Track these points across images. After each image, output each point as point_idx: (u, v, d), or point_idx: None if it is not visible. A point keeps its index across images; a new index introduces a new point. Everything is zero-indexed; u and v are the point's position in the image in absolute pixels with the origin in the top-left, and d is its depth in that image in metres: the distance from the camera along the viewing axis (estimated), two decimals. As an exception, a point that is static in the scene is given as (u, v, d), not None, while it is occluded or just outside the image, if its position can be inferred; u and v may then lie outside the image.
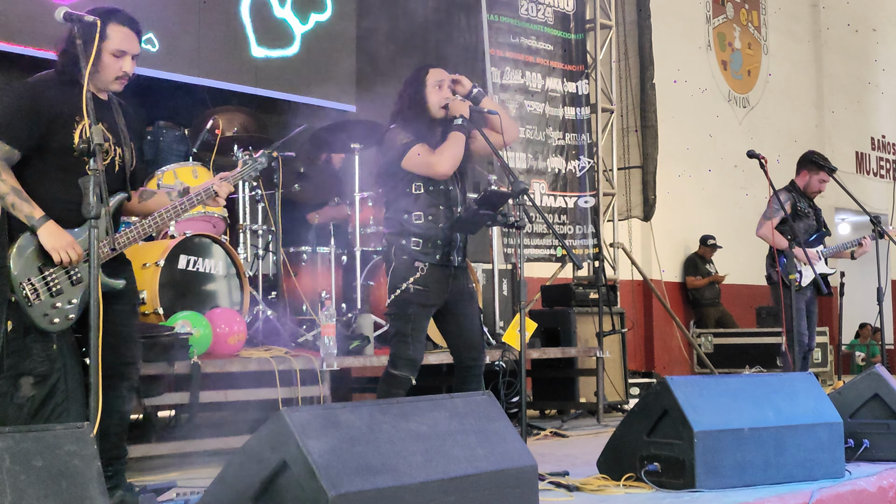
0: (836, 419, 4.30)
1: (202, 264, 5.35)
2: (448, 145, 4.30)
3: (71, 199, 3.45)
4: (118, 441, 3.71)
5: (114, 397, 3.62)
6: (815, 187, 6.89)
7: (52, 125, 3.51)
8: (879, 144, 14.78)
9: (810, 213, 6.81)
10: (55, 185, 3.54)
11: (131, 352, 3.72)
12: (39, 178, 3.53)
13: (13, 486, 2.32)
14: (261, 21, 7.05)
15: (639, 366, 10.27)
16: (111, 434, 3.65)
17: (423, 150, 4.29)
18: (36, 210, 3.46)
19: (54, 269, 3.48)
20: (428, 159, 4.28)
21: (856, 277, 9.45)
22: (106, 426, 3.62)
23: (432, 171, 4.31)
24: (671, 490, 3.91)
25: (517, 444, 3.23)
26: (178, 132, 6.09)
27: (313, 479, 2.63)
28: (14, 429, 2.46)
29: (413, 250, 4.33)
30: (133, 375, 3.72)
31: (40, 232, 3.45)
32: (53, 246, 3.45)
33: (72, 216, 3.49)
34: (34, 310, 3.44)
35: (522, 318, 4.29)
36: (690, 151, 10.96)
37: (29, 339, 3.45)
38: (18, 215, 3.45)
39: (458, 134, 4.32)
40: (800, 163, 6.98)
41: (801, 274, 6.60)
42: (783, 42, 13.12)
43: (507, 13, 8.19)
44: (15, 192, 3.44)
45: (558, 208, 8.54)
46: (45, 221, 3.46)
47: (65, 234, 3.49)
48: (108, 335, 3.53)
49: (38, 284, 3.45)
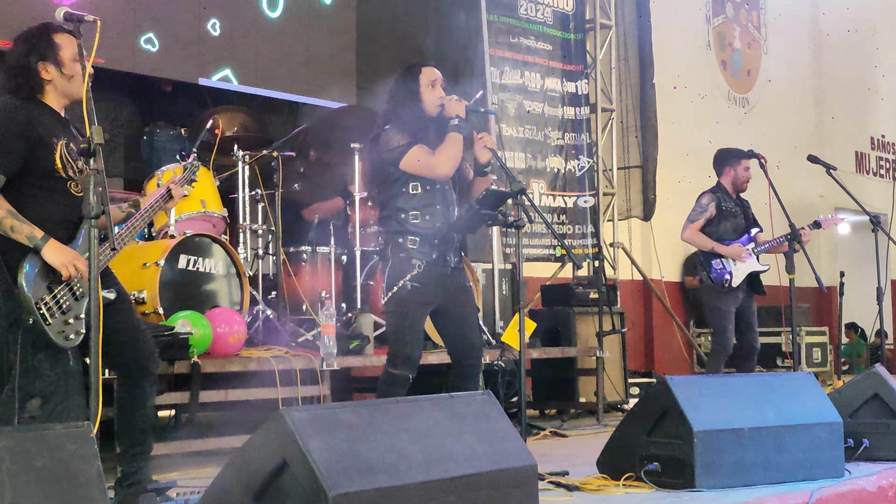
0: (835, 419, 4.29)
1: (202, 264, 5.35)
2: (447, 146, 4.30)
3: (59, 218, 3.51)
4: (143, 437, 3.72)
5: (138, 394, 3.66)
6: (743, 176, 6.74)
7: (35, 148, 3.50)
8: (879, 144, 14.77)
9: (737, 211, 6.74)
10: (41, 205, 3.53)
11: (147, 343, 3.74)
12: (24, 200, 3.51)
13: (13, 486, 2.31)
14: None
15: (639, 365, 10.26)
16: (135, 430, 3.68)
17: (422, 151, 4.29)
18: (36, 230, 3.46)
19: (60, 287, 3.50)
20: (428, 161, 4.28)
21: (855, 277, 9.44)
22: (130, 422, 3.69)
23: (432, 173, 4.31)
24: (671, 490, 3.91)
25: (517, 444, 3.23)
26: (174, 131, 6.10)
27: (313, 478, 2.63)
28: (14, 428, 2.47)
29: (410, 248, 4.33)
30: (154, 368, 3.74)
31: (45, 250, 3.45)
32: (62, 262, 3.46)
33: (61, 234, 3.51)
34: (52, 329, 3.45)
35: (522, 317, 4.29)
36: (690, 151, 10.95)
37: (37, 359, 3.47)
38: (18, 237, 3.44)
39: (455, 135, 4.32)
40: (717, 163, 6.81)
41: (732, 275, 6.53)
42: (783, 42, 13.11)
43: (506, 13, 8.18)
44: (11, 215, 3.44)
45: (558, 208, 8.54)
46: (48, 240, 3.47)
47: (68, 249, 3.50)
48: (118, 334, 3.61)
49: (51, 303, 3.47)
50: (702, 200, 6.71)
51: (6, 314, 3.48)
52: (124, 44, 6.15)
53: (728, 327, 6.49)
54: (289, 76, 7.19)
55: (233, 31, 6.89)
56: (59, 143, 3.53)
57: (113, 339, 3.59)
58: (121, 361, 3.71)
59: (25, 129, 3.48)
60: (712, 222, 6.63)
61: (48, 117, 3.55)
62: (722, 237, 6.60)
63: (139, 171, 6.46)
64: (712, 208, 6.64)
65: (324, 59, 7.36)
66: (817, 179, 8.70)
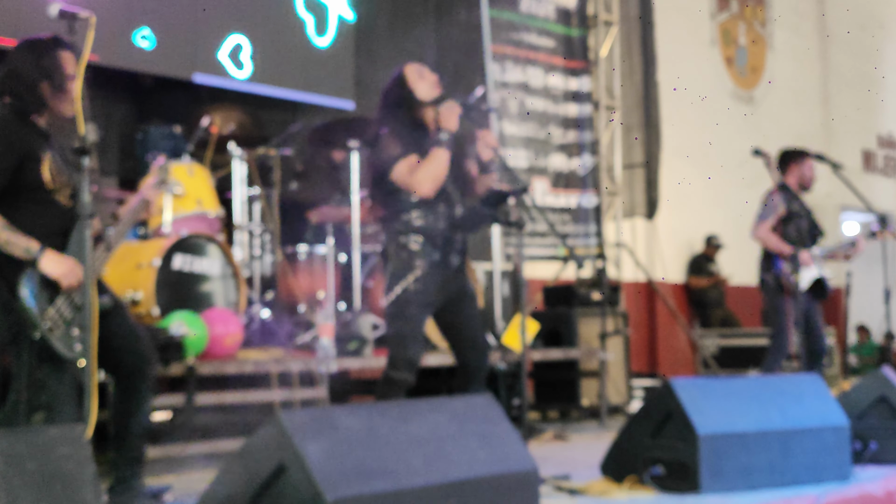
0: (842, 421, 4.25)
1: (198, 264, 5.31)
2: (427, 165, 4.21)
3: (49, 230, 3.49)
4: (139, 442, 3.71)
5: (136, 398, 3.65)
6: (809, 174, 6.66)
7: (23, 162, 3.49)
8: (886, 142, 14.72)
9: (803, 214, 6.67)
10: (31, 218, 3.50)
11: (145, 347, 3.72)
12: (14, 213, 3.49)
13: (6, 489, 2.31)
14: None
15: (642, 367, 10.19)
16: (131, 435, 3.67)
17: (407, 168, 4.21)
18: (32, 242, 3.45)
19: (59, 298, 3.49)
20: (408, 181, 4.21)
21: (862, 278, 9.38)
22: (126, 427, 3.67)
23: (415, 191, 4.24)
24: (675, 494, 3.86)
25: (518, 448, 3.19)
26: (167, 129, 6.04)
27: (311, 483, 2.60)
28: (7, 431, 2.45)
29: (412, 249, 4.27)
30: (152, 373, 3.73)
31: (43, 261, 3.44)
32: (61, 272, 3.45)
33: (52, 245, 3.49)
34: (58, 341, 3.45)
35: (523, 319, 4.23)
36: (694, 149, 10.90)
37: (42, 372, 3.46)
38: (14, 251, 3.42)
39: (439, 151, 4.23)
40: (783, 161, 6.71)
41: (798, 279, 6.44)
42: (789, 38, 13.06)
43: (508, 9, 8.14)
44: (5, 229, 3.43)
45: (560, 207, 8.49)
46: (45, 251, 3.46)
47: (65, 258, 3.49)
48: (116, 339, 3.61)
49: (54, 316, 3.47)
50: (773, 197, 6.55)
51: (7, 328, 3.48)
52: (118, 40, 6.10)
53: (787, 329, 6.42)
54: (286, 73, 7.13)
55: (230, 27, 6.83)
56: (46, 155, 3.53)
57: (111, 345, 3.59)
58: (119, 366, 3.69)
59: (14, 144, 3.47)
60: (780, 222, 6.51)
61: (34, 130, 3.55)
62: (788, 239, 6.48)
63: (134, 169, 6.40)
64: (783, 207, 6.51)
65: (322, 55, 7.30)
66: (824, 178, 8.62)
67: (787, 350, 6.43)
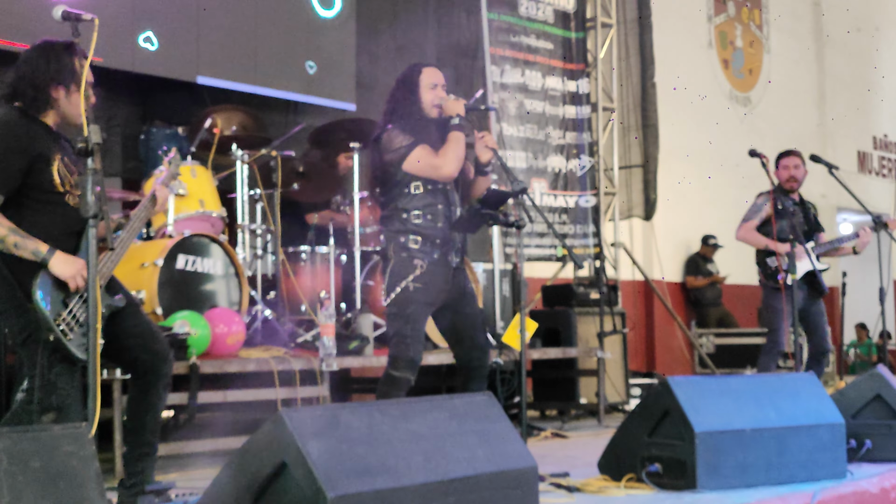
0: (838, 420, 4.27)
1: (201, 264, 5.33)
2: (450, 147, 4.28)
3: (60, 231, 3.51)
4: (152, 438, 3.73)
5: (151, 396, 3.67)
6: (786, 174, 6.69)
7: (33, 164, 3.50)
8: (881, 144, 14.74)
9: (797, 210, 6.71)
10: (42, 220, 3.52)
11: (161, 345, 3.73)
12: (25, 215, 3.50)
13: (11, 487, 2.30)
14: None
15: (640, 366, 10.23)
16: (144, 431, 3.69)
17: (426, 152, 4.27)
18: (41, 244, 3.45)
19: (72, 300, 3.49)
20: (432, 162, 4.26)
21: (857, 277, 9.41)
22: (140, 423, 3.70)
23: (437, 174, 4.29)
24: (672, 491, 3.88)
25: (517, 445, 3.21)
26: (170, 130, 6.07)
27: (312, 480, 2.61)
28: (12, 429, 2.44)
29: (412, 248, 4.30)
30: (168, 371, 3.73)
31: (53, 263, 3.44)
32: (70, 274, 3.45)
33: (64, 246, 3.51)
34: (72, 343, 3.44)
35: (522, 318, 4.26)
36: (692, 150, 10.93)
37: (54, 373, 3.46)
38: (23, 254, 3.43)
39: (457, 133, 4.30)
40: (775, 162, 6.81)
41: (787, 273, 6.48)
42: (785, 41, 13.09)
43: (507, 12, 8.17)
44: (14, 232, 3.43)
45: (559, 207, 8.52)
46: (54, 253, 3.46)
47: (74, 259, 3.49)
48: (132, 337, 3.63)
49: (68, 318, 3.46)
50: (757, 200, 6.65)
51: (20, 329, 3.48)
52: (123, 42, 6.12)
53: (781, 326, 6.44)
54: (288, 74, 7.16)
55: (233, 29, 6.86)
56: (56, 157, 3.54)
57: (126, 343, 3.62)
58: (135, 364, 3.71)
59: (25, 146, 3.48)
60: (769, 222, 6.56)
61: (44, 132, 3.56)
62: (778, 236, 6.54)
63: (137, 170, 6.43)
64: (768, 207, 6.58)
65: (323, 57, 7.33)
66: (820, 179, 8.65)
67: (782, 348, 6.45)
